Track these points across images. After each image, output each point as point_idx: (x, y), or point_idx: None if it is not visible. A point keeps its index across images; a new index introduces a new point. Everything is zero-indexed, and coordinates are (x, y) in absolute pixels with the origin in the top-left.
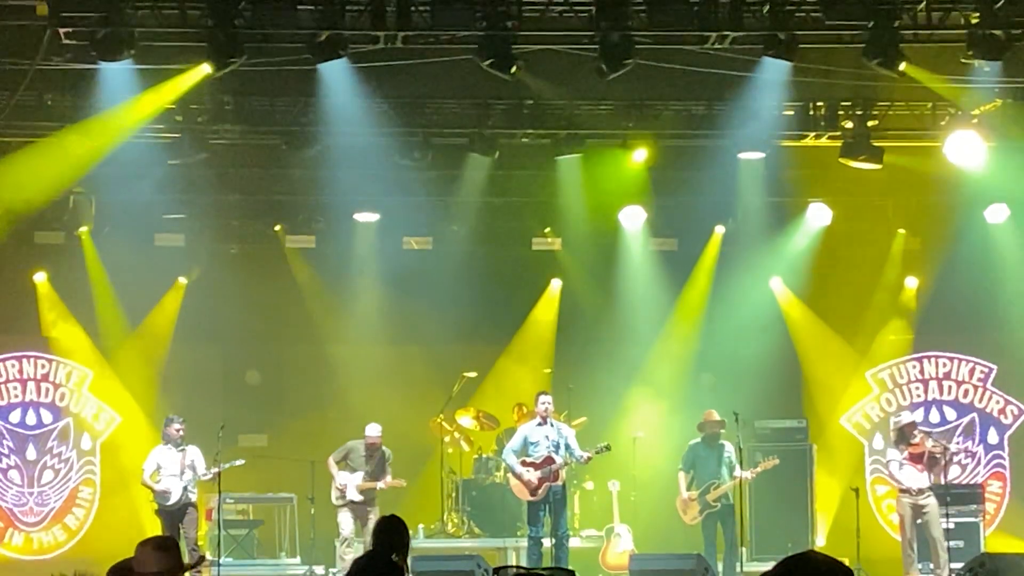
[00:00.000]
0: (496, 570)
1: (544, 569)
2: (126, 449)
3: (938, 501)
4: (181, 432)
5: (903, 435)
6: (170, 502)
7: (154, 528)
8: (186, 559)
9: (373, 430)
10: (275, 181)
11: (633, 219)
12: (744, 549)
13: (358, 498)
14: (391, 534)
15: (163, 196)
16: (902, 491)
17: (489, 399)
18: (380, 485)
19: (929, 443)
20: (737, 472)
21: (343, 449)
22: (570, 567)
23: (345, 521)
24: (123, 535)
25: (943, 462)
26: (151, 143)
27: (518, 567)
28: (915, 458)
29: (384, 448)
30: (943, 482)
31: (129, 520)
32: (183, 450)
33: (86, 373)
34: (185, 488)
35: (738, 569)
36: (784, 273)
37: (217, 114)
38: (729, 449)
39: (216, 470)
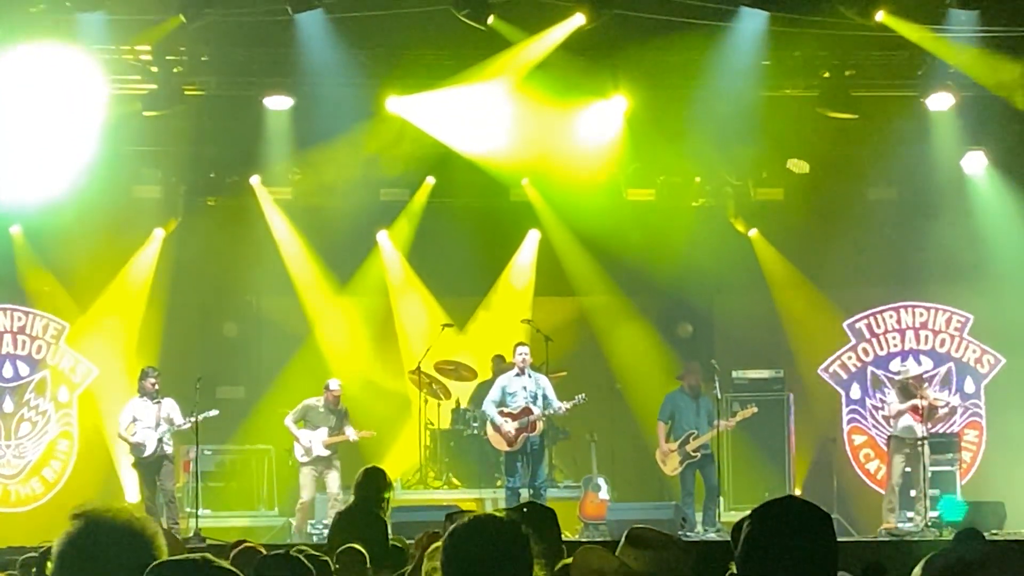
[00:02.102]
0: (448, 515)
1: (507, 509)
2: (104, 402)
3: (925, 450)
4: (156, 385)
5: (907, 387)
6: (145, 454)
7: (131, 481)
8: (164, 512)
9: (335, 384)
10: (252, 132)
11: (614, 170)
12: (721, 499)
13: (325, 453)
14: (373, 486)
15: (140, 148)
16: (897, 438)
17: (467, 350)
18: (351, 437)
19: (932, 395)
20: (716, 422)
21: (300, 409)
22: None
23: (306, 483)
24: (101, 487)
25: (937, 412)
26: (128, 95)
27: (470, 512)
28: (914, 407)
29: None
30: (928, 431)
31: (107, 472)
32: (158, 402)
33: (63, 326)
34: (160, 440)
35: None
36: (761, 223)
37: (193, 66)
38: (706, 400)
39: (192, 419)
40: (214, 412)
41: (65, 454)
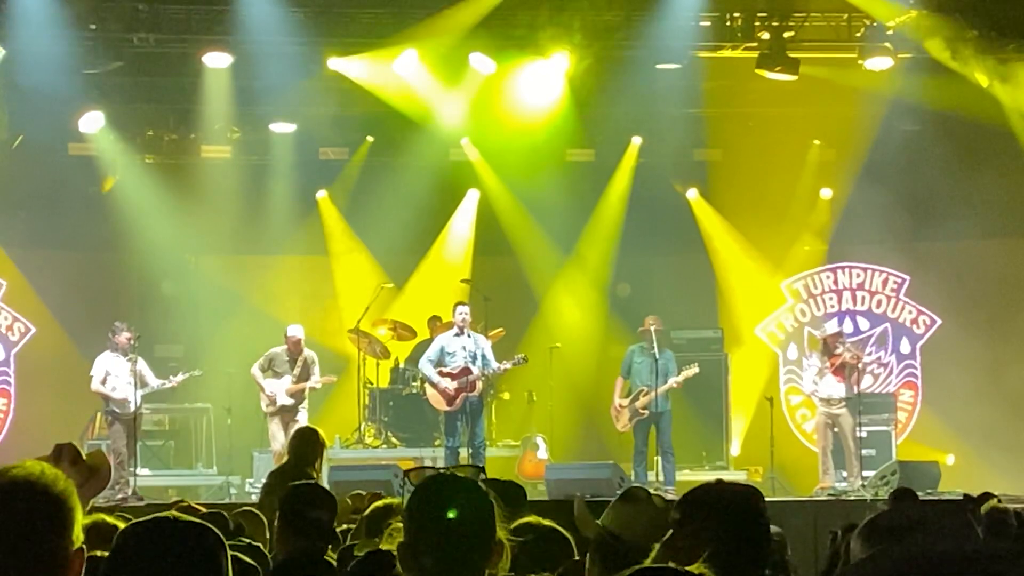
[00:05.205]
0: (407, 472)
1: (456, 466)
2: (41, 360)
3: (851, 411)
4: (132, 340)
5: (827, 346)
6: (130, 410)
7: (71, 437)
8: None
9: (295, 331)
10: (190, 90)
11: (554, 129)
12: (659, 458)
13: (289, 402)
14: (305, 446)
15: (77, 105)
16: (819, 400)
17: (406, 310)
18: (313, 385)
19: (847, 354)
20: (670, 380)
21: (265, 357)
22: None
23: (276, 432)
24: (37, 445)
25: (858, 371)
26: (64, 51)
27: (432, 467)
28: (835, 367)
29: (307, 351)
30: (856, 391)
31: (43, 430)
32: (132, 359)
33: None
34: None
35: (651, 477)
36: (700, 184)
37: (131, 22)
38: (667, 357)
39: (176, 379)
40: (198, 372)
41: (2, 412)
